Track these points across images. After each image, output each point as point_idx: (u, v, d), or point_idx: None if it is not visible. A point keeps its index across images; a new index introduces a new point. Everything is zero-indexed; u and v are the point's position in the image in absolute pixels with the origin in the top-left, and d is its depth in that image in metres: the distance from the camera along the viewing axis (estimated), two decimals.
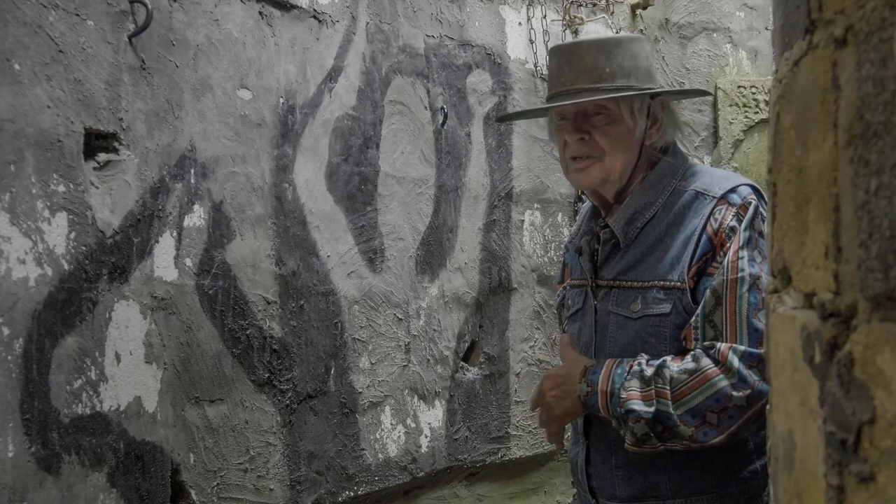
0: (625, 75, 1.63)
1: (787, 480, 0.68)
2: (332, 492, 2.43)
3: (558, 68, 1.68)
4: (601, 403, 1.56)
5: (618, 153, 1.62)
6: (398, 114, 2.64)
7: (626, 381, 1.53)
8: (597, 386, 1.56)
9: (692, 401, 1.48)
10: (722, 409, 1.47)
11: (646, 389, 1.51)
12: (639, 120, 1.63)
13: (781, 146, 0.70)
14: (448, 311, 2.80)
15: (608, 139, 1.61)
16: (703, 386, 1.48)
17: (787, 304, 0.68)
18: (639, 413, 1.50)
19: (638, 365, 1.54)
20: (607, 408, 1.55)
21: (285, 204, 2.31)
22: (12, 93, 1.68)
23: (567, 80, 1.65)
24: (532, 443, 3.09)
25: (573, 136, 1.63)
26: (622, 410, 1.52)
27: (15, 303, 1.68)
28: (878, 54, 0.50)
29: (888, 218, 0.49)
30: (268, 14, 2.26)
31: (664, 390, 1.49)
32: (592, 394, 1.57)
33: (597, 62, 1.63)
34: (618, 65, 1.63)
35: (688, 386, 1.49)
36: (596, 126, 1.62)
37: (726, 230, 1.53)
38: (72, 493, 1.78)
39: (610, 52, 1.63)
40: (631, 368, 1.54)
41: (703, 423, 1.48)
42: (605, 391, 1.55)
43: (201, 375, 2.10)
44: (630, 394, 1.51)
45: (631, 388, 1.52)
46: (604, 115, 1.62)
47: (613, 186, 1.65)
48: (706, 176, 1.64)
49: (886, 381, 0.49)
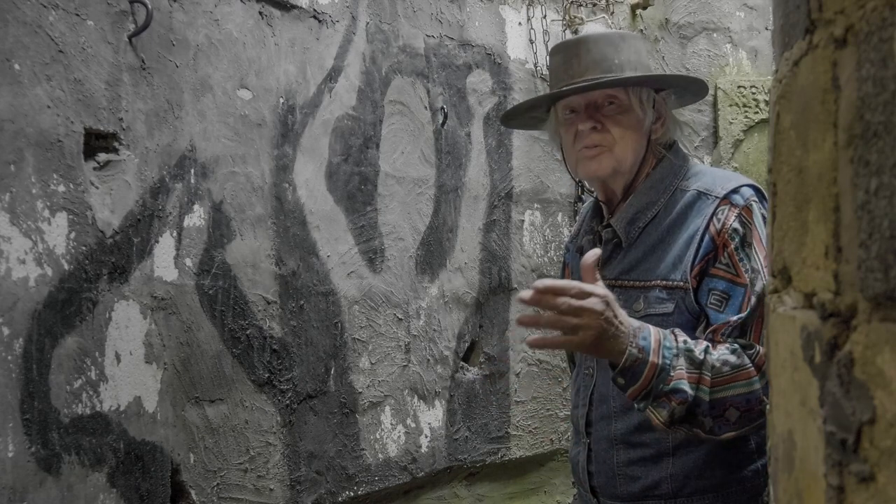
0: (632, 68, 1.65)
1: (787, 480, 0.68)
2: (332, 492, 2.43)
3: (565, 62, 1.68)
4: (646, 374, 1.43)
5: (629, 142, 1.62)
6: (398, 114, 2.64)
7: (675, 357, 1.45)
8: (648, 356, 1.43)
9: (723, 392, 1.45)
10: (748, 410, 1.46)
11: (693, 371, 1.44)
12: (647, 111, 1.65)
13: (781, 146, 0.70)
14: (448, 311, 2.80)
15: (620, 128, 1.62)
16: (741, 382, 1.45)
17: (787, 304, 0.68)
18: (686, 394, 1.44)
19: (684, 342, 1.46)
20: (650, 381, 1.44)
21: (285, 204, 2.31)
22: (12, 93, 1.68)
23: (576, 72, 1.65)
24: (532, 443, 3.09)
25: (586, 124, 1.62)
26: (667, 388, 1.44)
27: (15, 303, 1.68)
28: (878, 54, 0.50)
29: (888, 218, 0.49)
30: (268, 14, 2.26)
31: (707, 377, 1.45)
32: (641, 362, 1.42)
33: (605, 54, 1.64)
34: (625, 57, 1.65)
35: (725, 378, 1.45)
36: (608, 116, 1.63)
37: (729, 231, 1.53)
38: (72, 493, 1.78)
39: (617, 46, 1.66)
40: (677, 344, 1.46)
41: (722, 416, 1.47)
42: (656, 364, 1.43)
43: (201, 375, 2.10)
44: (678, 373, 1.44)
45: (679, 366, 1.44)
46: (615, 105, 1.63)
47: (623, 178, 1.65)
48: (708, 176, 1.64)
49: (886, 381, 0.49)
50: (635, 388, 1.45)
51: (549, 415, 3.14)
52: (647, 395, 1.45)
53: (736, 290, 1.52)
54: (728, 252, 1.53)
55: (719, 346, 1.48)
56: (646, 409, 1.47)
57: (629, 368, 1.44)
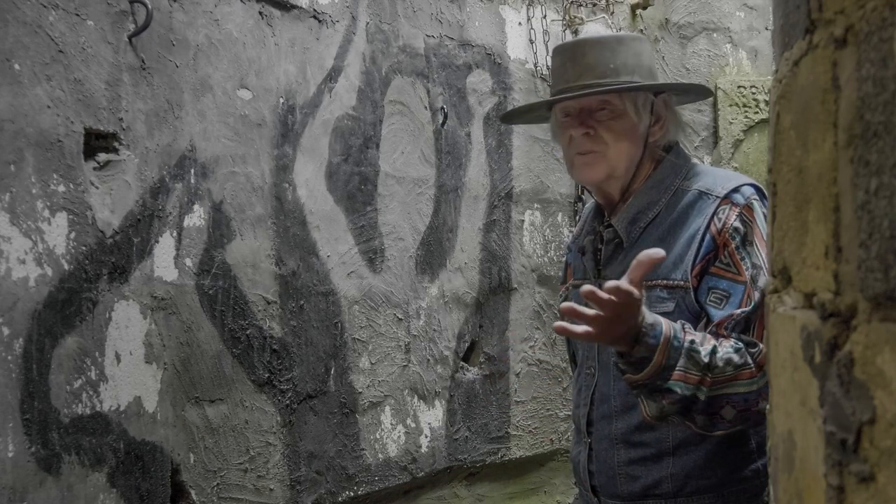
0: (629, 72, 1.64)
1: (787, 480, 0.68)
2: (332, 492, 2.43)
3: (562, 66, 1.68)
4: (649, 370, 1.44)
5: (622, 148, 1.62)
6: (398, 114, 2.64)
7: (680, 357, 1.44)
8: (654, 354, 1.43)
9: (722, 391, 1.45)
10: (745, 409, 1.46)
11: (693, 373, 1.44)
12: (643, 116, 1.64)
13: (781, 146, 0.70)
14: (448, 311, 2.80)
15: (612, 133, 1.62)
16: (742, 381, 1.45)
17: (787, 304, 0.68)
18: (678, 395, 1.44)
19: (690, 342, 1.45)
20: (650, 377, 1.44)
21: (285, 204, 2.31)
22: (12, 93, 1.68)
23: (571, 77, 1.65)
24: (532, 443, 3.09)
25: (578, 130, 1.63)
26: (664, 385, 1.45)
27: (15, 303, 1.68)
28: (878, 54, 0.50)
29: (888, 218, 0.49)
30: (268, 14, 2.26)
31: (708, 379, 1.44)
32: (647, 359, 1.43)
33: (600, 59, 1.64)
34: (621, 62, 1.64)
35: (727, 377, 1.45)
36: (600, 121, 1.63)
37: (729, 230, 1.53)
38: (72, 493, 1.78)
39: (614, 50, 1.65)
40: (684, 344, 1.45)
41: (717, 414, 1.47)
42: (660, 364, 1.43)
43: (201, 375, 2.10)
44: (678, 373, 1.44)
45: (681, 367, 1.44)
46: (608, 111, 1.62)
47: (618, 182, 1.66)
48: (709, 176, 1.65)
49: (886, 381, 0.49)
50: (635, 378, 1.47)
51: (549, 415, 3.14)
52: (643, 387, 1.47)
53: (736, 288, 1.52)
54: (729, 251, 1.53)
55: (724, 344, 1.48)
56: (638, 396, 1.51)
57: (634, 362, 1.45)
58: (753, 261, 1.52)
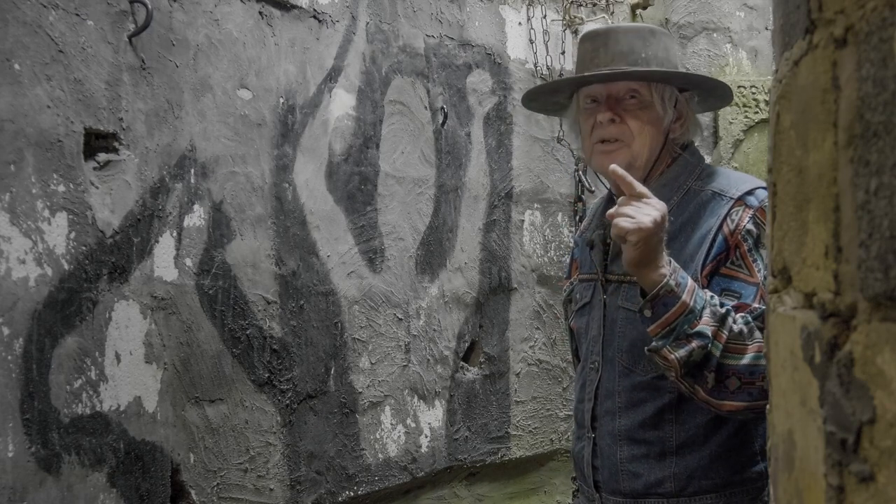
0: (659, 63, 1.65)
1: (787, 480, 0.68)
2: (332, 492, 2.43)
3: (593, 51, 1.68)
4: (676, 310, 1.43)
5: (646, 139, 1.62)
6: (398, 114, 2.64)
7: (704, 307, 1.45)
8: (682, 293, 1.43)
9: (734, 359, 1.46)
10: (749, 382, 1.46)
11: (714, 325, 1.45)
12: (668, 110, 1.65)
13: (781, 146, 0.70)
14: (448, 311, 2.80)
15: (639, 122, 1.62)
16: (750, 354, 1.45)
17: (787, 304, 0.68)
18: (708, 340, 1.44)
19: (712, 297, 1.47)
20: (676, 317, 1.44)
21: (285, 204, 2.31)
22: (12, 93, 1.68)
23: (602, 61, 1.65)
24: (532, 443, 3.09)
25: (605, 115, 1.62)
26: (691, 331, 1.44)
27: (15, 303, 1.68)
28: (878, 54, 0.50)
29: (888, 218, 0.49)
30: (268, 14, 2.26)
31: (723, 335, 1.45)
32: (675, 296, 1.43)
33: (633, 47, 1.65)
34: (653, 52, 1.65)
35: (738, 346, 1.46)
36: (628, 110, 1.63)
37: (742, 232, 1.54)
38: (72, 493, 1.78)
39: (646, 40, 1.66)
40: (707, 297, 1.47)
41: (722, 382, 1.47)
42: (687, 304, 1.44)
43: (201, 375, 2.10)
44: (705, 320, 1.45)
45: (706, 315, 1.45)
46: (636, 100, 1.63)
47: (637, 174, 1.65)
48: (723, 177, 1.65)
49: (886, 381, 0.49)
50: (661, 321, 1.45)
51: (549, 415, 3.14)
52: (669, 333, 1.45)
53: (748, 289, 1.52)
54: (741, 252, 1.54)
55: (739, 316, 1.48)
56: (662, 348, 1.47)
57: (661, 298, 1.44)
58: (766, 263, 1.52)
